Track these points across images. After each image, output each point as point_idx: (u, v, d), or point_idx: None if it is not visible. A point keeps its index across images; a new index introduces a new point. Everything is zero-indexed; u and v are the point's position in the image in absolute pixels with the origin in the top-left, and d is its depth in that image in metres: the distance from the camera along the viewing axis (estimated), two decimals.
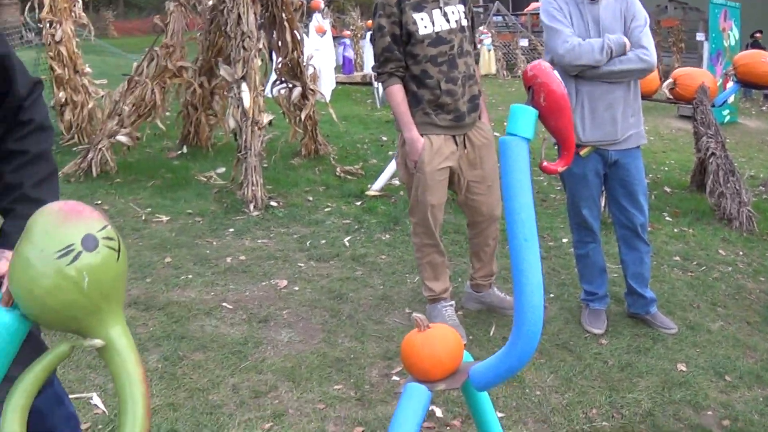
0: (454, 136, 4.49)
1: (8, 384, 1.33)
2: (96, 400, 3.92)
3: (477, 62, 4.67)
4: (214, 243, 6.43)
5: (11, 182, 1.90)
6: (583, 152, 4.44)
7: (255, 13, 8.09)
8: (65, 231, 1.21)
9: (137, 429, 1.27)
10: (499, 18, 28.13)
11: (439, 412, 3.84)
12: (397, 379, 4.13)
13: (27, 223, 1.25)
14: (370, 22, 22.42)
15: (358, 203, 7.74)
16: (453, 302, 4.83)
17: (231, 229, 6.79)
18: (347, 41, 21.93)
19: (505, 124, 2.18)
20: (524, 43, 25.35)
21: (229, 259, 6.01)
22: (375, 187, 8.19)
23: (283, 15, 9.14)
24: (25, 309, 1.24)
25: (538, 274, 1.94)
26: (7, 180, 1.90)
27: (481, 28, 22.17)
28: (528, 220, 1.96)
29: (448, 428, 3.73)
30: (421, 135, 4.42)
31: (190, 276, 5.65)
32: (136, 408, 1.28)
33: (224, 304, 5.14)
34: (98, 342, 1.27)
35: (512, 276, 1.98)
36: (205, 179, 8.49)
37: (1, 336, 1.25)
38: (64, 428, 1.92)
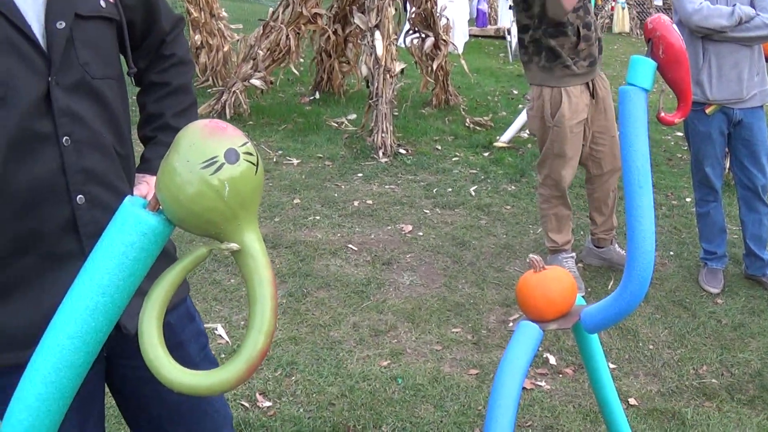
0: (587, 85, 4.49)
1: (143, 296, 1.43)
2: (220, 330, 4.09)
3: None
4: (342, 187, 6.55)
5: (153, 112, 1.99)
6: (708, 110, 4.46)
7: None
8: (210, 144, 1.30)
9: (264, 326, 1.36)
10: None
11: (552, 360, 3.88)
12: (514, 325, 4.17)
13: (175, 137, 1.34)
14: None
15: (486, 154, 7.73)
16: (574, 254, 4.84)
17: (359, 174, 6.90)
18: None
19: None
20: (658, 2, 24.49)
21: (356, 203, 6.13)
22: (503, 139, 8.16)
23: None
24: (170, 213, 1.34)
25: (650, 219, 1.96)
26: (150, 110, 2.00)
27: None
28: (643, 167, 1.98)
29: (560, 375, 3.76)
30: (561, 90, 4.44)
31: (318, 217, 5.78)
32: (264, 307, 1.36)
33: (349, 245, 5.26)
34: (234, 246, 1.36)
35: (626, 221, 2.01)
36: (336, 125, 8.61)
37: (148, 237, 1.35)
38: (194, 344, 1.99)
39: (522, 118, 8.26)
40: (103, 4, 1.72)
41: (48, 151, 1.61)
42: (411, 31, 9.67)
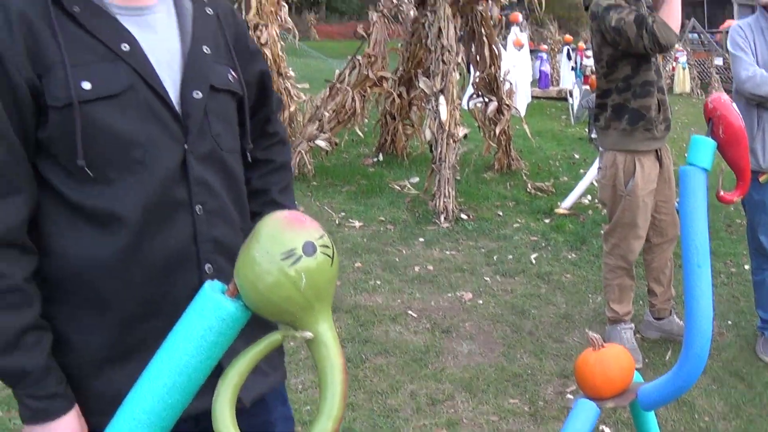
0: (656, 152, 4.52)
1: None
2: None
3: None
4: (404, 251, 6.60)
5: (258, 188, 2.03)
6: (762, 178, 4.43)
7: (455, 27, 8.24)
8: (289, 237, 1.36)
9: (334, 412, 1.41)
10: (695, 36, 27.00)
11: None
12: (572, 397, 4.15)
13: (255, 226, 1.40)
14: (568, 36, 22.24)
15: (547, 221, 7.75)
16: (632, 325, 4.81)
17: (421, 239, 6.95)
18: (544, 55, 21.81)
19: None
20: (719, 62, 24.31)
21: (417, 268, 6.17)
22: (564, 205, 8.17)
23: (483, 29, 9.24)
24: (248, 300, 1.41)
25: (708, 300, 1.98)
26: (254, 186, 2.03)
27: (676, 45, 21.53)
28: (702, 246, 2.00)
29: None
30: (634, 158, 4.45)
31: (379, 282, 5.83)
32: (335, 393, 1.42)
33: (409, 311, 5.29)
34: (308, 334, 1.42)
35: (684, 300, 2.03)
36: (399, 188, 8.69)
37: (226, 322, 1.41)
38: (281, 427, 2.01)
39: (584, 184, 8.26)
40: (231, 78, 1.79)
41: (182, 218, 1.66)
42: (475, 95, 9.77)
